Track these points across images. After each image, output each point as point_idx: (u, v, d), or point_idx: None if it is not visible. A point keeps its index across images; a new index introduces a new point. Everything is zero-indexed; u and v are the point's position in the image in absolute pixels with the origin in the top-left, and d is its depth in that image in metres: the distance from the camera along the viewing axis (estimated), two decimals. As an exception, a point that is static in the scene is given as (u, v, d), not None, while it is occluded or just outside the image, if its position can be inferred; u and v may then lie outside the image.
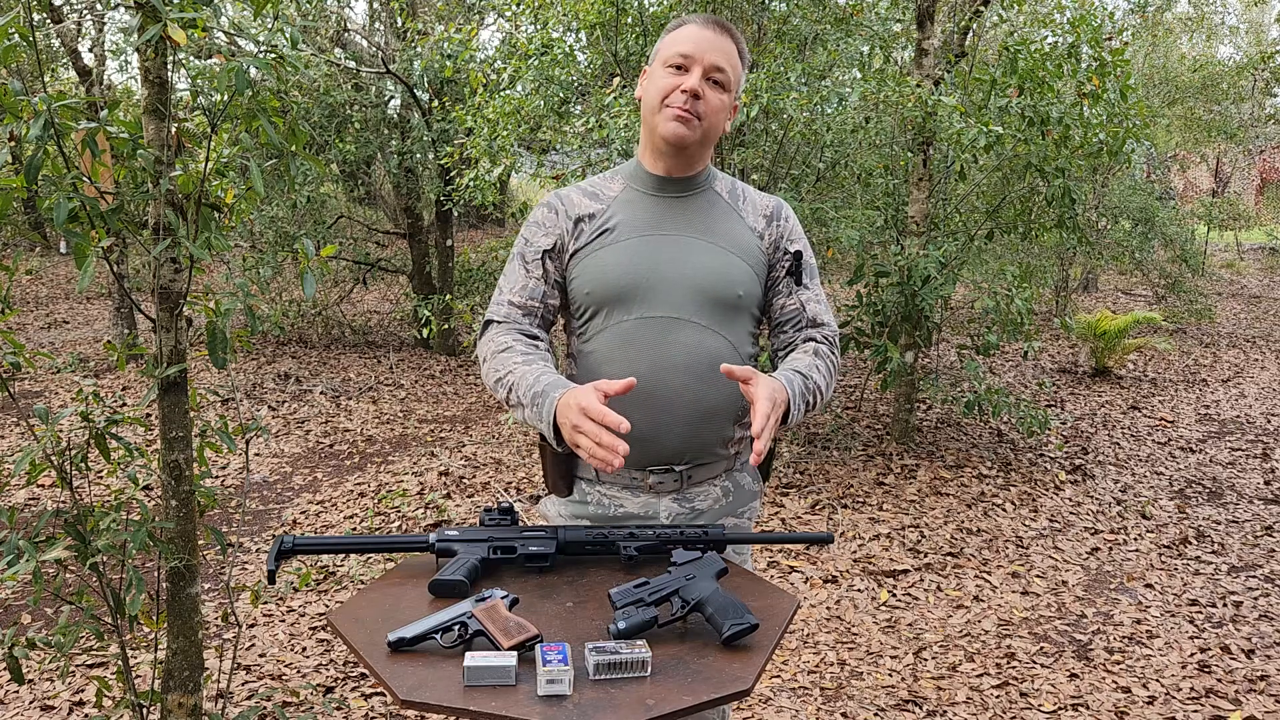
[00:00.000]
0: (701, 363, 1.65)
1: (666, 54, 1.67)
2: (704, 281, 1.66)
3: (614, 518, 1.72)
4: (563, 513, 1.77)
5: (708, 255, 1.68)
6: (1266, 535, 4.52)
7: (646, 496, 1.70)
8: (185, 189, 1.98)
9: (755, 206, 1.76)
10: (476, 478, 5.10)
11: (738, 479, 1.76)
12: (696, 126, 1.65)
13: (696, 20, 1.68)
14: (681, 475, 1.69)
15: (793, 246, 1.74)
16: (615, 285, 1.66)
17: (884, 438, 5.89)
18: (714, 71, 1.65)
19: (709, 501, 1.73)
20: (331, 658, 3.27)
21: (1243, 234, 19.25)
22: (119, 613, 2.05)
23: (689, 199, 1.73)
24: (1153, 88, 11.30)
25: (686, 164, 1.72)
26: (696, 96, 1.63)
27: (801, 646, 3.40)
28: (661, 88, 1.65)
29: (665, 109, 1.65)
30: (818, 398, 1.66)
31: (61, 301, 10.68)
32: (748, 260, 1.71)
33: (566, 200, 1.73)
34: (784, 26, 5.33)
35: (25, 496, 4.68)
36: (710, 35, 1.65)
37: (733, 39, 1.68)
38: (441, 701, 1.24)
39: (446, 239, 8.59)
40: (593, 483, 1.73)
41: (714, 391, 1.66)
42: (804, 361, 1.69)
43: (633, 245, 1.68)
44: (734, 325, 1.69)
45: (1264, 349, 9.42)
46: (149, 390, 2.03)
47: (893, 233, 5.86)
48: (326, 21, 8.56)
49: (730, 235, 1.71)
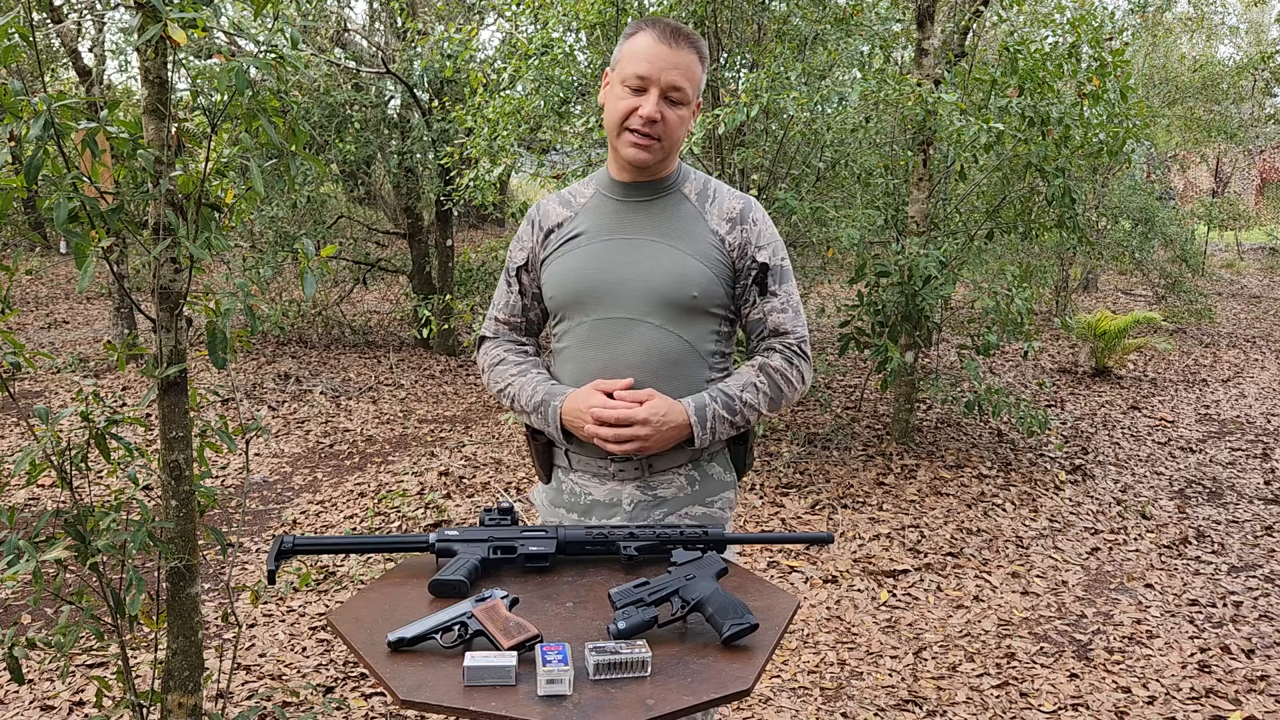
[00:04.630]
0: (657, 361, 1.72)
1: (624, 72, 1.69)
2: (658, 283, 1.71)
3: (584, 504, 1.79)
4: (545, 499, 1.87)
5: (664, 257, 1.72)
6: (1266, 535, 4.52)
7: (612, 484, 1.76)
8: (185, 189, 1.98)
9: (722, 209, 1.78)
10: (476, 478, 5.10)
11: (706, 469, 1.79)
12: (657, 149, 1.71)
13: (653, 31, 1.68)
14: (642, 464, 1.75)
15: (761, 255, 1.76)
16: (574, 289, 1.75)
17: (884, 438, 5.89)
18: (671, 91, 1.68)
19: (672, 490, 1.77)
20: (331, 658, 3.27)
21: (1243, 234, 19.25)
22: (119, 613, 2.05)
23: (653, 202, 1.77)
24: (1153, 88, 11.30)
25: (651, 173, 1.77)
26: (655, 121, 1.67)
27: (801, 646, 3.40)
28: (621, 110, 1.69)
29: (625, 133, 1.70)
30: (745, 415, 1.73)
31: (61, 301, 10.68)
32: (705, 262, 1.73)
33: (542, 211, 1.84)
34: (784, 26, 5.33)
35: (25, 496, 4.69)
36: (666, 51, 1.67)
37: (690, 46, 1.70)
38: (441, 701, 1.24)
39: (446, 239, 8.58)
40: (566, 471, 1.81)
41: (668, 388, 1.71)
42: (737, 382, 1.74)
43: (593, 250, 1.76)
44: (692, 325, 1.73)
45: (1264, 349, 9.42)
46: (149, 390, 2.03)
47: (893, 232, 5.86)
48: (326, 21, 8.56)
49: (690, 238, 1.74)
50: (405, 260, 9.10)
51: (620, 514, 1.76)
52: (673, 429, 1.67)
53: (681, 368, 1.73)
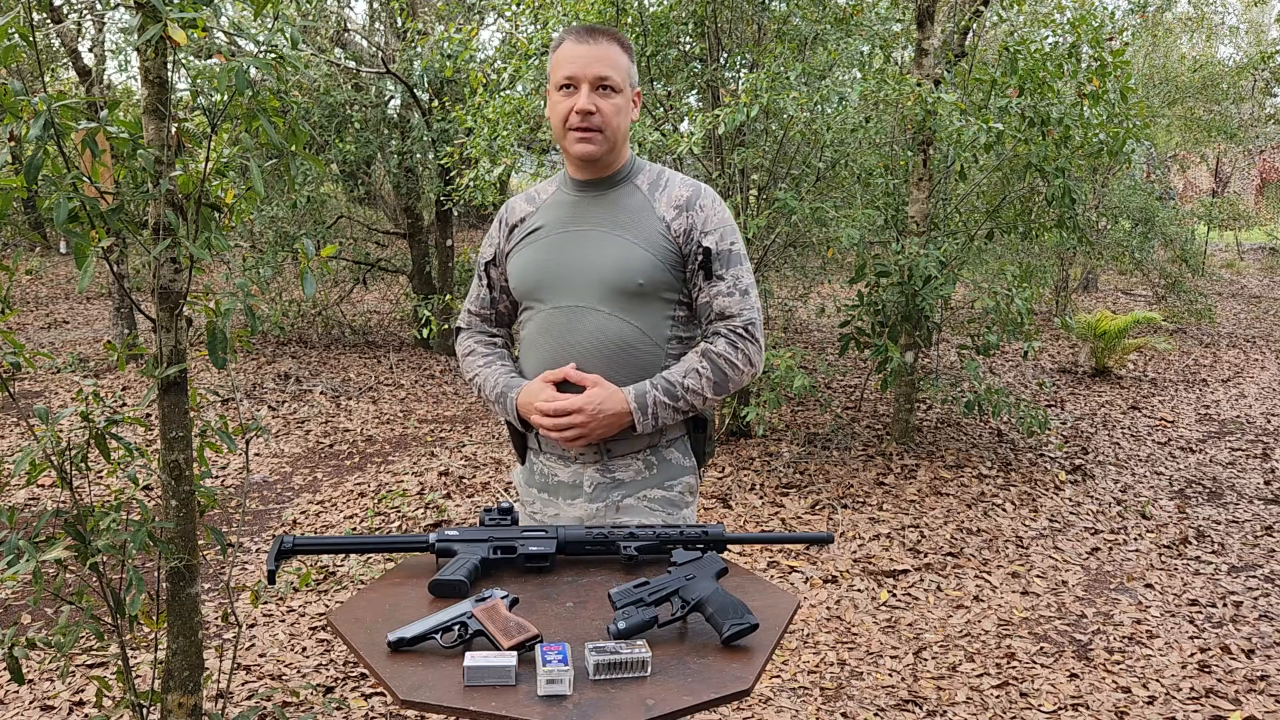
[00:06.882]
0: (607, 347, 1.79)
1: (555, 79, 1.81)
2: (605, 272, 1.79)
3: (552, 485, 1.88)
4: (521, 480, 1.97)
5: (611, 247, 1.80)
6: (1266, 535, 4.52)
7: (575, 466, 1.85)
8: (185, 189, 1.98)
9: (670, 197, 1.84)
10: (476, 478, 5.10)
11: (664, 454, 1.86)
12: (601, 140, 1.79)
13: (570, 37, 1.80)
14: (601, 449, 1.82)
15: (706, 240, 1.81)
16: (532, 279, 1.85)
17: (884, 438, 5.89)
18: (599, 82, 1.77)
19: (630, 473, 1.84)
20: (331, 658, 3.27)
21: (1243, 234, 19.25)
22: (119, 613, 2.05)
23: (606, 195, 1.86)
24: (1153, 88, 11.29)
25: (603, 168, 1.85)
26: (590, 113, 1.77)
27: (801, 646, 3.40)
28: (560, 113, 1.80)
29: (569, 132, 1.79)
30: (689, 400, 1.79)
31: (61, 301, 10.68)
32: (651, 250, 1.80)
33: (509, 210, 1.95)
34: (784, 26, 5.33)
35: (25, 496, 4.69)
36: (585, 50, 1.78)
37: (609, 38, 1.80)
38: (441, 701, 1.24)
39: (446, 239, 8.58)
40: (537, 453, 1.91)
41: (621, 373, 1.79)
42: (680, 368, 1.80)
43: (548, 242, 1.85)
44: (642, 312, 1.80)
45: (1264, 349, 9.42)
46: (149, 390, 2.03)
47: (893, 232, 5.85)
48: (326, 21, 8.56)
49: (637, 227, 1.81)
50: (405, 260, 9.10)
51: (583, 495, 1.84)
52: (611, 416, 1.75)
53: (634, 353, 1.80)
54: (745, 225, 4.86)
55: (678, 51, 5.63)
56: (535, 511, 1.91)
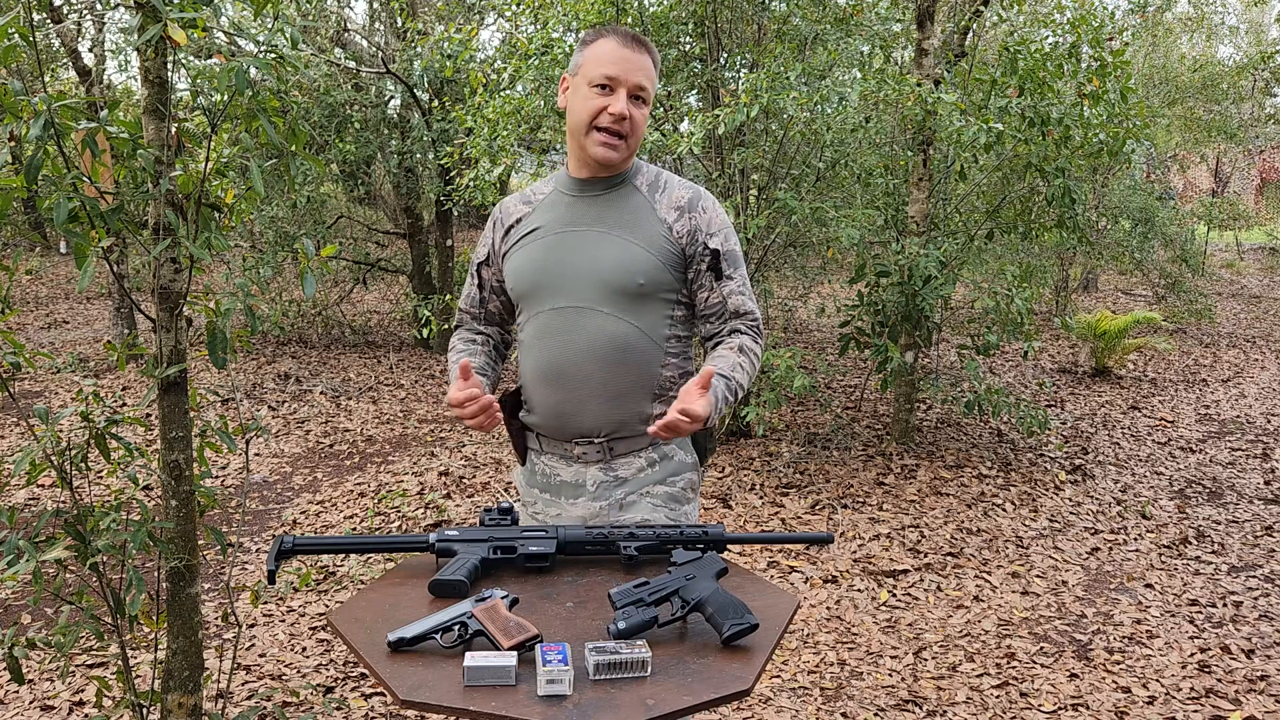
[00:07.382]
0: (608, 346, 1.79)
1: (591, 73, 1.77)
2: (605, 273, 1.79)
3: (554, 485, 1.88)
4: (522, 480, 1.96)
5: (611, 247, 1.79)
6: (1266, 535, 4.52)
7: (577, 466, 1.85)
8: (185, 189, 1.98)
9: (671, 199, 1.84)
10: (476, 478, 5.10)
11: (666, 450, 1.87)
12: (623, 148, 1.79)
13: (616, 37, 1.77)
14: (604, 447, 1.83)
15: (712, 242, 1.83)
16: (530, 280, 1.84)
17: (884, 438, 5.89)
18: (637, 90, 1.77)
19: (632, 470, 1.84)
20: (331, 658, 3.27)
21: (1243, 234, 19.25)
22: (119, 613, 2.05)
23: (605, 195, 1.85)
24: (1153, 88, 11.30)
25: (609, 169, 1.84)
26: (624, 118, 1.76)
27: (801, 646, 3.40)
28: (590, 109, 1.77)
29: (594, 132, 1.78)
30: (739, 394, 1.80)
31: (61, 301, 10.68)
32: (652, 250, 1.80)
33: (504, 209, 1.94)
34: (784, 26, 5.33)
35: (25, 496, 4.69)
36: (630, 54, 1.77)
37: (648, 53, 1.80)
38: (441, 701, 1.24)
39: (446, 239, 8.58)
40: (538, 453, 1.91)
41: (623, 372, 1.79)
42: (728, 360, 1.80)
43: (547, 243, 1.84)
44: (642, 312, 1.80)
45: (1264, 349, 9.42)
46: (149, 390, 2.03)
47: (893, 232, 5.85)
48: (326, 21, 8.56)
49: (638, 227, 1.81)
50: (405, 260, 9.09)
51: (586, 494, 1.84)
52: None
53: (634, 353, 1.80)
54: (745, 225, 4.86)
55: (678, 51, 5.63)
56: (537, 512, 1.91)
